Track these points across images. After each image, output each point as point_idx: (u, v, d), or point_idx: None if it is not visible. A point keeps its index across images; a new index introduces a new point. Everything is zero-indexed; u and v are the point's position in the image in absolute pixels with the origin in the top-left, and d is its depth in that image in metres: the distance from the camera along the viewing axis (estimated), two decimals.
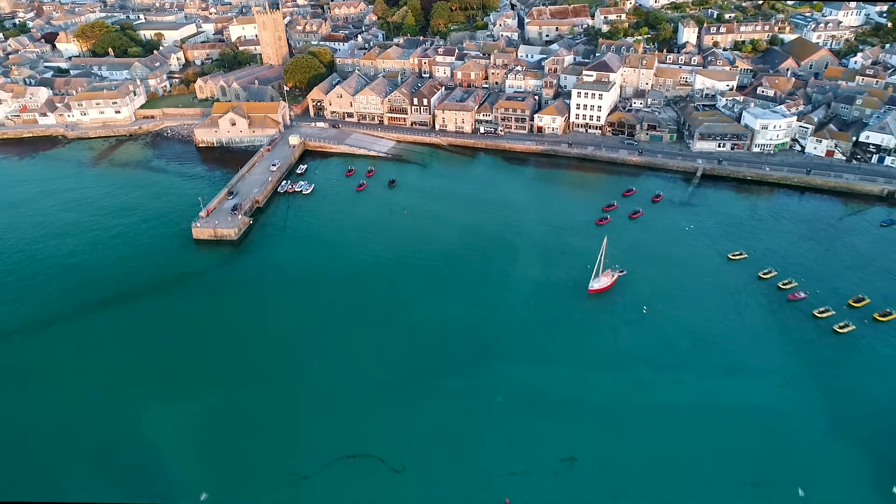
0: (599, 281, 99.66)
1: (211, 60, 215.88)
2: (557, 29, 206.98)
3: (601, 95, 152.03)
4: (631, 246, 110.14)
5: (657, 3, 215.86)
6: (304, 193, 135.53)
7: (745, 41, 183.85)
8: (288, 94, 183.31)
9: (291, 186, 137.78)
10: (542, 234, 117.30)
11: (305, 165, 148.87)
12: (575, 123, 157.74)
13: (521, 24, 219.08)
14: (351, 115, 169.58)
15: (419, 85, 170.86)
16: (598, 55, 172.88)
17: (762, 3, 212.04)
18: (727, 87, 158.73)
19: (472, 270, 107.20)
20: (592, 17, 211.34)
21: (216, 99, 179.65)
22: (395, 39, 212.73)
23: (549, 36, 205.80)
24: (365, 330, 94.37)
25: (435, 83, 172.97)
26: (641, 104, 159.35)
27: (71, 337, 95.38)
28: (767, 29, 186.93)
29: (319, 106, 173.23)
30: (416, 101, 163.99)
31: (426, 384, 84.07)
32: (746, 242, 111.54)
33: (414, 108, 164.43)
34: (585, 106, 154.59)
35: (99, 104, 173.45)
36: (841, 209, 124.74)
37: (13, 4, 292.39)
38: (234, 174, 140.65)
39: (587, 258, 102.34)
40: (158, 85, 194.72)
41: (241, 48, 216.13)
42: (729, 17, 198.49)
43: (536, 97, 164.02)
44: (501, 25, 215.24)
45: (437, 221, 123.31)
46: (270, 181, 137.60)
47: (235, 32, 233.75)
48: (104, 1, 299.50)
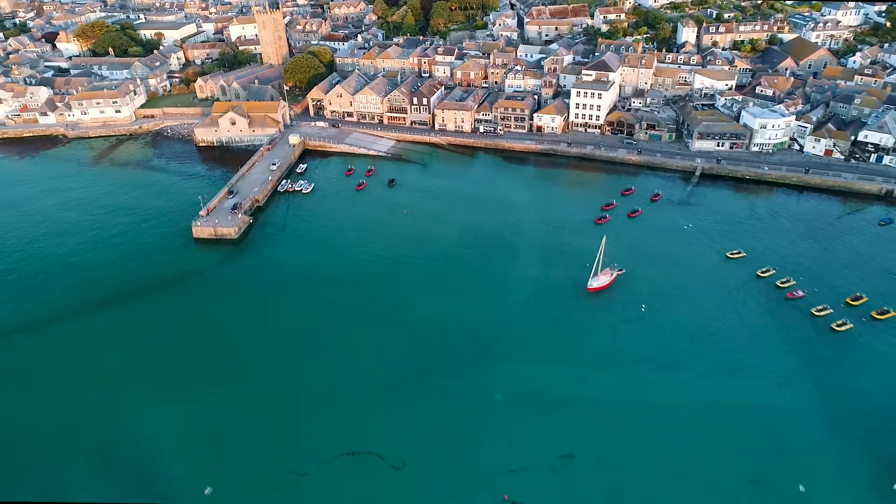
0: (598, 280, 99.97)
1: (211, 60, 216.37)
2: (557, 28, 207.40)
3: (600, 95, 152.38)
4: (630, 245, 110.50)
5: (656, 2, 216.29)
6: (303, 192, 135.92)
7: (744, 41, 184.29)
8: (288, 93, 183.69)
9: (291, 185, 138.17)
10: (541, 233, 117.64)
11: (305, 165, 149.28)
12: (574, 123, 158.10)
13: (520, 23, 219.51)
14: (351, 114, 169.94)
15: (419, 84, 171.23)
16: (597, 55, 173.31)
17: (761, 2, 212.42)
18: (726, 86, 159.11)
19: (471, 269, 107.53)
20: (592, 16, 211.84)
21: (216, 98, 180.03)
22: (394, 39, 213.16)
23: (548, 35, 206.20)
24: (364, 328, 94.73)
25: (434, 83, 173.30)
26: (640, 103, 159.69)
27: (72, 335, 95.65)
28: (766, 28, 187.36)
29: (319, 105, 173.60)
30: (415, 100, 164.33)
31: (426, 382, 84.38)
32: (745, 241, 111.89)
33: (413, 107, 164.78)
34: (585, 105, 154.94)
35: (99, 104, 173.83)
36: (839, 208, 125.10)
37: (13, 4, 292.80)
38: (234, 173, 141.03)
39: (586, 257, 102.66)
40: (159, 84, 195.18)
41: (241, 48, 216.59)
42: (728, 16, 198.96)
43: (536, 97, 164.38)
44: (501, 25, 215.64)
45: (436, 220, 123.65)
46: (270, 180, 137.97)
47: (235, 32, 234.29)
48: (104, 1, 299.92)
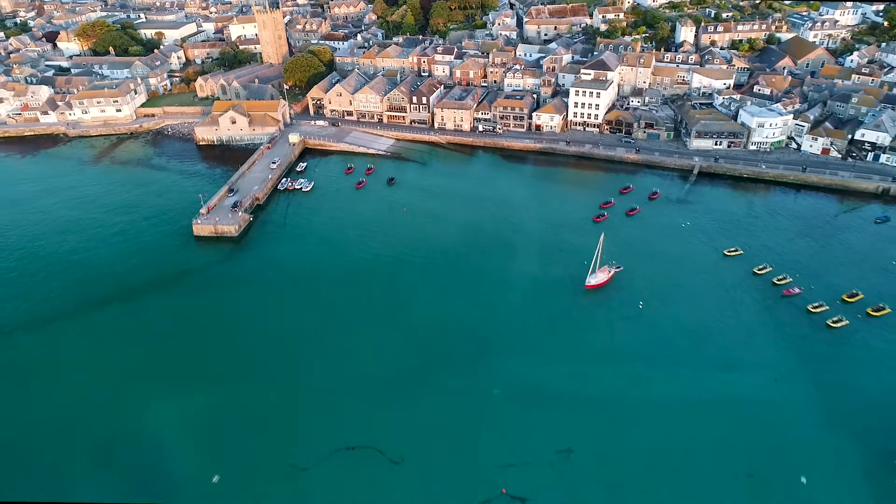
0: (596, 277, 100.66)
1: (211, 59, 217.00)
2: (556, 28, 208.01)
3: (599, 94, 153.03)
4: (628, 242, 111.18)
5: (655, 2, 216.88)
6: (303, 191, 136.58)
7: (742, 40, 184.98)
8: (288, 92, 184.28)
9: (291, 184, 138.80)
10: (539, 231, 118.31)
11: (305, 163, 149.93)
12: (573, 122, 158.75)
13: (519, 23, 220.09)
14: (350, 113, 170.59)
15: (418, 83, 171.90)
16: (595, 54, 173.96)
17: (759, 2, 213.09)
18: (724, 85, 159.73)
19: (470, 267, 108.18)
20: (591, 16, 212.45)
21: (216, 97, 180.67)
22: (394, 38, 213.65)
23: (547, 35, 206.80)
24: (364, 326, 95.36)
25: (434, 82, 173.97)
26: (639, 102, 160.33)
27: (73, 333, 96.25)
28: (764, 28, 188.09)
29: (319, 104, 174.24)
30: (415, 99, 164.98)
31: (425, 378, 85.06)
32: (742, 239, 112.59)
33: (413, 106, 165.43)
34: (583, 104, 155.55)
35: (100, 102, 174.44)
36: (836, 206, 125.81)
37: (14, 3, 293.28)
38: (234, 172, 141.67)
39: (584, 255, 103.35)
40: (159, 83, 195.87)
41: (241, 47, 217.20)
42: (726, 16, 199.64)
43: (535, 96, 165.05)
44: (500, 24, 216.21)
45: (435, 219, 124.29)
46: (270, 179, 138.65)
47: (235, 31, 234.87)
48: (105, 0, 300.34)
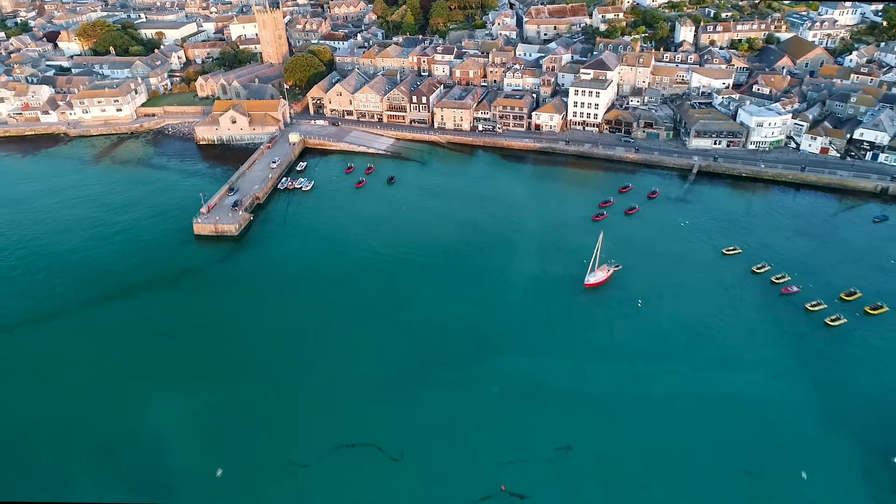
0: (595, 275, 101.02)
1: (211, 59, 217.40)
2: (555, 28, 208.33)
3: (598, 93, 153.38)
4: (627, 241, 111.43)
5: (655, 2, 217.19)
6: (303, 190, 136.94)
7: (741, 39, 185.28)
8: (288, 92, 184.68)
9: (291, 183, 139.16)
10: (539, 230, 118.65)
11: (305, 163, 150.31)
12: (572, 121, 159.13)
13: (519, 22, 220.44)
14: (350, 112, 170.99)
15: (418, 83, 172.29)
16: (595, 54, 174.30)
17: (759, 2, 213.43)
18: (723, 84, 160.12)
19: (470, 266, 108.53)
20: (590, 15, 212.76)
21: (217, 97, 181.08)
22: (394, 38, 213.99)
23: (547, 35, 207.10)
24: (364, 324, 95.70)
25: (434, 81, 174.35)
26: (638, 102, 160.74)
27: (74, 331, 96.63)
28: (764, 28, 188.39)
29: (319, 104, 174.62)
30: (414, 99, 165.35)
31: (424, 376, 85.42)
32: (741, 238, 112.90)
33: (413, 106, 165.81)
34: (583, 104, 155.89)
35: (100, 102, 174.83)
36: (835, 205, 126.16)
37: (15, 3, 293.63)
38: (234, 171, 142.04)
39: (583, 253, 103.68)
40: (159, 83, 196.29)
41: (241, 47, 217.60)
42: (726, 15, 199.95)
43: (534, 95, 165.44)
44: (500, 24, 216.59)
45: (435, 218, 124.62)
46: (271, 178, 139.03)
47: (236, 31, 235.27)
48: (105, 0, 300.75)
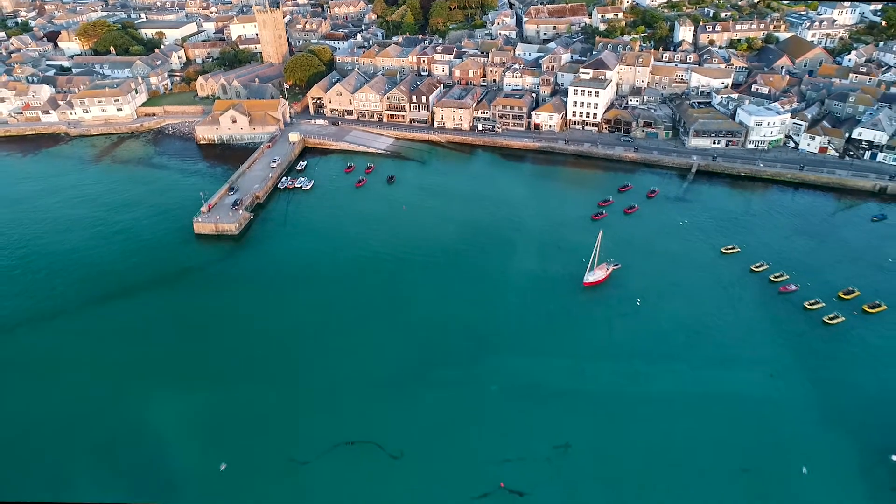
0: (594, 274, 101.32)
1: (212, 59, 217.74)
2: (555, 27, 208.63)
3: (598, 93, 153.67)
4: (626, 240, 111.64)
5: (654, 1, 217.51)
6: (303, 189, 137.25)
7: (740, 39, 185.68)
8: (288, 91, 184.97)
9: (291, 182, 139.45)
10: (538, 229, 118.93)
11: (305, 162, 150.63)
12: (572, 121, 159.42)
13: (519, 22, 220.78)
14: (350, 112, 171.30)
15: (418, 83, 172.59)
16: (594, 53, 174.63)
17: (758, 1, 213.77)
18: (722, 84, 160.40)
19: (469, 265, 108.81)
20: (590, 15, 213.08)
21: (217, 97, 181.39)
22: (394, 38, 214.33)
23: (546, 34, 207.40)
24: (363, 323, 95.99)
25: (433, 81, 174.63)
26: (637, 101, 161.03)
27: (75, 330, 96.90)
28: (763, 27, 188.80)
29: (319, 103, 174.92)
30: (414, 98, 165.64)
31: (424, 375, 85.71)
32: (740, 237, 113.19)
33: (413, 105, 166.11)
34: (582, 103, 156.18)
35: (101, 102, 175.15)
36: (834, 204, 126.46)
37: (15, 3, 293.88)
38: (234, 170, 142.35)
39: (582, 252, 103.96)
40: (160, 83, 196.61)
41: (241, 47, 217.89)
42: (725, 15, 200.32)
43: (534, 95, 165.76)
44: (500, 24, 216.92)
45: (435, 217, 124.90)
46: (271, 177, 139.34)
47: (236, 31, 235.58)
48: (105, 0, 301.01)
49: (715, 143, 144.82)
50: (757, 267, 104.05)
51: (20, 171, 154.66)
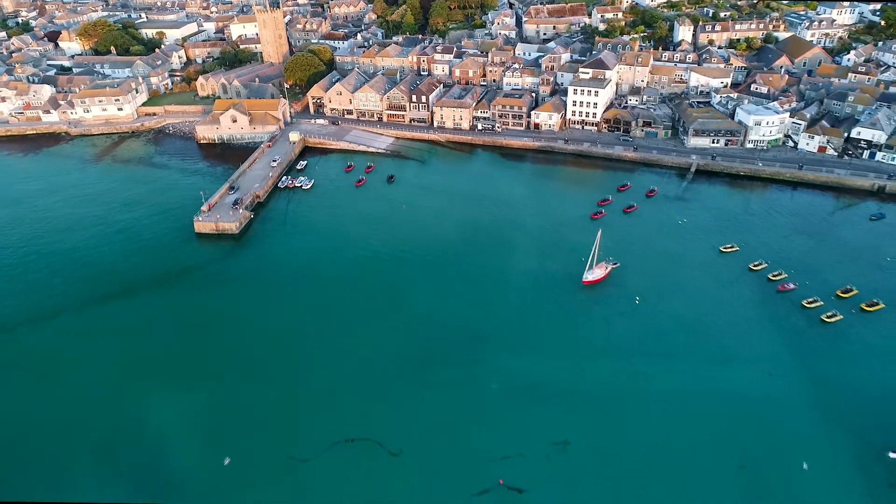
0: (593, 273, 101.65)
1: (212, 58, 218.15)
2: (555, 27, 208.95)
3: (597, 92, 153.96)
4: (625, 239, 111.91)
5: (653, 1, 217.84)
6: (304, 189, 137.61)
7: (739, 39, 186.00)
8: (288, 91, 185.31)
9: (292, 182, 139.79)
10: (537, 228, 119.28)
11: (305, 161, 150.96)
12: (571, 120, 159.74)
13: (518, 22, 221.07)
14: (350, 112, 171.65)
15: (418, 82, 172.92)
16: (594, 53, 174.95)
17: (757, 1, 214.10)
18: (721, 84, 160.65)
19: (469, 264, 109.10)
20: (589, 15, 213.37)
21: (217, 96, 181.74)
22: (394, 38, 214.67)
23: (546, 34, 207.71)
24: (363, 321, 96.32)
25: (433, 81, 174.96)
26: (637, 101, 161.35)
27: (75, 329, 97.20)
28: (762, 27, 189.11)
29: (319, 103, 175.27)
30: (414, 98, 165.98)
31: (424, 373, 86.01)
32: (739, 236, 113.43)
33: (412, 105, 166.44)
34: (582, 103, 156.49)
35: (102, 101, 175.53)
36: (832, 203, 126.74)
37: (16, 3, 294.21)
38: (235, 170, 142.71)
39: (582, 251, 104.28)
40: (160, 83, 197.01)
41: (241, 46, 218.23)
42: (724, 15, 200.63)
43: (533, 94, 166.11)
44: (499, 24, 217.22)
45: (435, 216, 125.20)
46: (271, 177, 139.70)
47: (236, 31, 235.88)
48: (106, 0, 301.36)
49: (714, 142, 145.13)
50: (755, 266, 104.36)
51: (21, 170, 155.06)
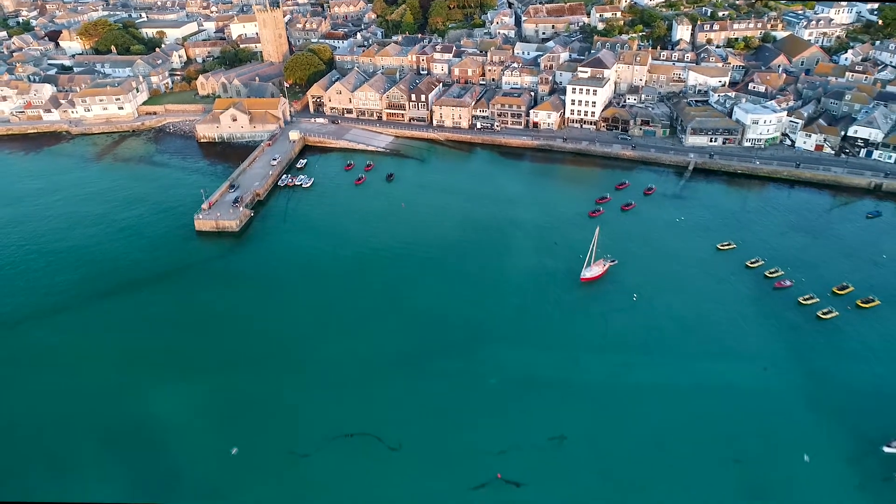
0: (591, 270, 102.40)
1: (212, 58, 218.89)
2: (553, 27, 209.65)
3: (595, 91, 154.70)
4: (623, 237, 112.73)
5: (652, 1, 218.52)
6: (303, 187, 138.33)
7: (737, 38, 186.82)
8: (288, 90, 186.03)
9: (292, 180, 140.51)
10: (536, 225, 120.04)
11: (305, 160, 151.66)
12: (570, 119, 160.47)
13: (517, 21, 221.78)
14: (350, 111, 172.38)
15: (417, 81, 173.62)
16: (593, 52, 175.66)
17: (755, 1, 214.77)
18: (719, 83, 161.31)
19: (468, 261, 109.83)
20: (588, 14, 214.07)
21: (217, 95, 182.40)
22: (393, 37, 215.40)
23: (545, 33, 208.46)
24: (363, 318, 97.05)
25: (433, 80, 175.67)
26: (635, 100, 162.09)
27: (77, 326, 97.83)
28: (760, 26, 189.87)
29: (319, 102, 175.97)
30: (414, 97, 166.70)
31: (422, 367, 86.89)
32: (736, 234, 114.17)
33: (412, 104, 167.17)
34: (580, 102, 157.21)
35: (102, 101, 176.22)
36: (829, 201, 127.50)
37: (17, 3, 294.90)
38: (235, 168, 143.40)
39: (580, 248, 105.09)
40: (161, 82, 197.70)
41: (241, 46, 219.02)
42: (722, 14, 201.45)
43: (532, 93, 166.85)
44: (498, 23, 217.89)
45: (434, 214, 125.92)
46: (271, 175, 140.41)
47: (236, 30, 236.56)
48: (106, 0, 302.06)
49: (712, 140, 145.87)
50: (752, 263, 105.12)
51: (22, 169, 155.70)
